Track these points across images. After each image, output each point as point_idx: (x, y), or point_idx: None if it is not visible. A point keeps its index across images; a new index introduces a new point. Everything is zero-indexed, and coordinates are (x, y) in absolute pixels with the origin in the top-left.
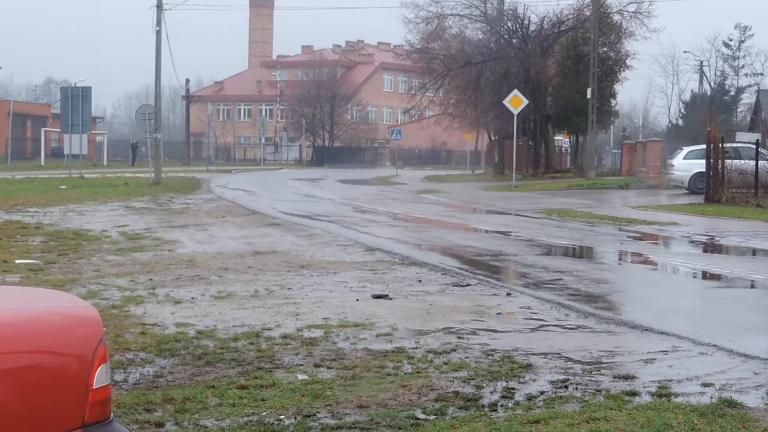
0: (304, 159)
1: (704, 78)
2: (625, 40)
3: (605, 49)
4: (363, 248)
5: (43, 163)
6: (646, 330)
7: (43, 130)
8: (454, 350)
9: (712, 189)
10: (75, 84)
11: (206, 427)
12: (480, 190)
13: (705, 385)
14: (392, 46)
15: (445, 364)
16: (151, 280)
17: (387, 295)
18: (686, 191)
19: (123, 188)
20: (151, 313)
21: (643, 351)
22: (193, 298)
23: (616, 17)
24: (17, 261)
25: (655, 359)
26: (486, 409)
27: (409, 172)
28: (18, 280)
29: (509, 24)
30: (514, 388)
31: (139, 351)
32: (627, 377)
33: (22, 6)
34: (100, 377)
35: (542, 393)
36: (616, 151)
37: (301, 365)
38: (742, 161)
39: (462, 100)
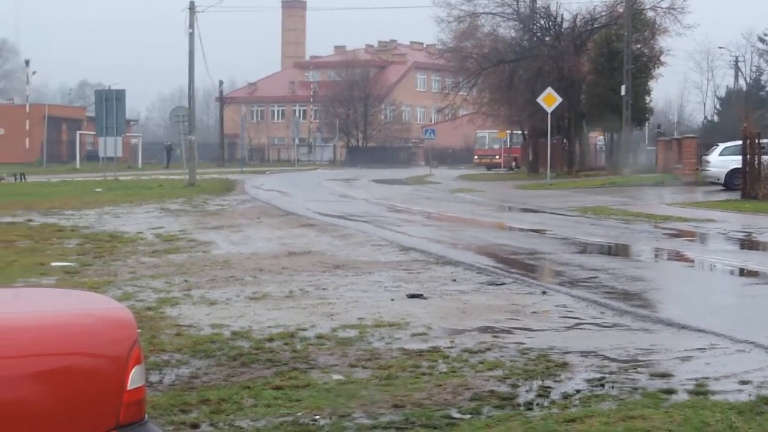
0: (338, 159)
1: (739, 73)
2: (659, 36)
3: (639, 45)
4: (397, 248)
5: (78, 166)
6: (682, 327)
7: (78, 133)
8: (489, 349)
9: (748, 185)
10: (109, 87)
11: (241, 428)
12: (514, 189)
13: (743, 382)
14: (425, 46)
15: (480, 363)
16: (186, 281)
17: (422, 295)
18: (722, 188)
19: (158, 190)
20: (186, 314)
21: (679, 349)
22: (228, 299)
23: (650, 13)
24: (53, 263)
25: (692, 357)
26: (521, 408)
27: (443, 172)
28: (54, 282)
29: (542, 22)
30: (549, 387)
31: (174, 352)
32: (664, 375)
33: (54, 8)
34: (134, 378)
35: (578, 391)
36: (651, 148)
37: (336, 365)
38: None
39: (495, 98)
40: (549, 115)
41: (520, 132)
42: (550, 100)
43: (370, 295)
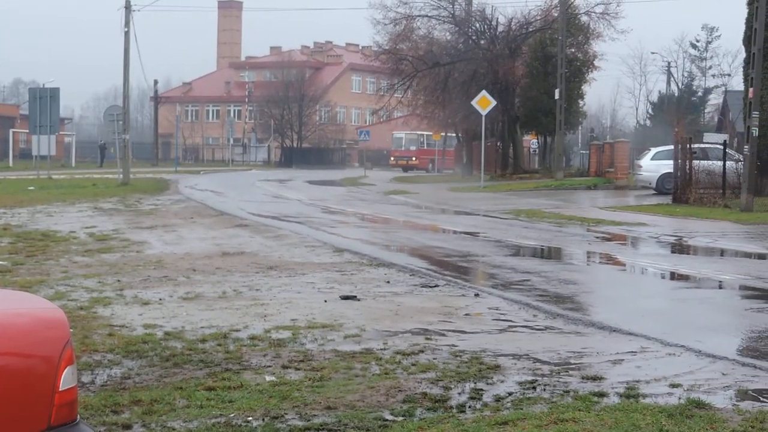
0: (273, 160)
1: (672, 79)
2: (593, 41)
3: (573, 50)
4: (331, 249)
5: (11, 164)
6: (614, 331)
7: (11, 131)
8: (422, 351)
9: (680, 189)
10: (43, 85)
11: (174, 429)
12: (448, 191)
13: (673, 385)
14: (360, 47)
15: (413, 365)
16: (119, 281)
17: (355, 297)
18: (654, 192)
19: (91, 189)
20: (118, 314)
21: (611, 352)
22: (161, 300)
23: (584, 18)
24: None
25: (623, 360)
26: (454, 411)
27: (378, 173)
28: None
29: (477, 25)
30: (482, 390)
31: (106, 352)
32: (595, 378)
33: None
34: (66, 379)
35: (510, 394)
36: (584, 151)
37: (269, 366)
38: (710, 162)
39: (430, 101)
40: (483, 118)
41: (454, 134)
42: (484, 103)
43: (303, 296)
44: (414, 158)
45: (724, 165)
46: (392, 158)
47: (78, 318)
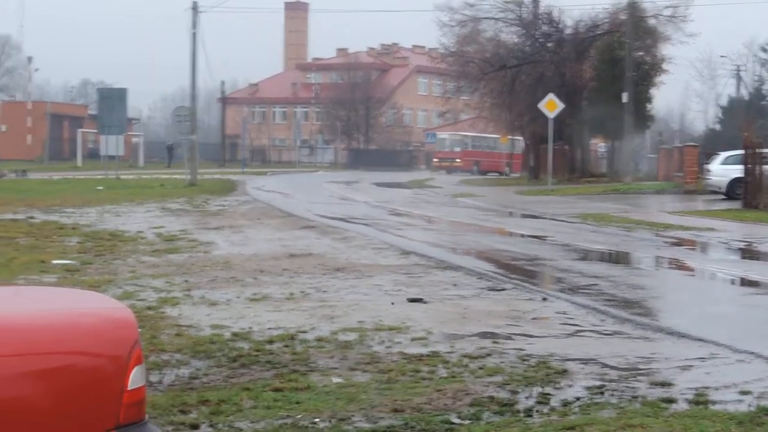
0: (339, 162)
1: (741, 83)
2: (661, 44)
3: (641, 53)
4: (398, 251)
5: (80, 164)
6: (683, 336)
7: (79, 131)
8: (489, 355)
9: (749, 195)
10: (111, 85)
11: (241, 429)
12: (515, 194)
13: (743, 393)
14: (427, 50)
15: (480, 368)
16: (186, 281)
17: (422, 299)
18: (724, 197)
19: (159, 190)
20: (186, 314)
21: (680, 358)
22: (228, 300)
23: (652, 21)
24: (54, 261)
25: (692, 366)
26: (521, 415)
27: (445, 176)
28: (55, 280)
29: (544, 28)
30: (549, 394)
31: (174, 352)
32: (664, 384)
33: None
34: (135, 379)
35: (578, 399)
36: (652, 155)
37: (336, 368)
38: None
39: (497, 103)
40: (550, 121)
41: (520, 137)
42: (551, 106)
43: (370, 298)
44: (458, 160)
45: None
46: (435, 159)
47: (146, 318)
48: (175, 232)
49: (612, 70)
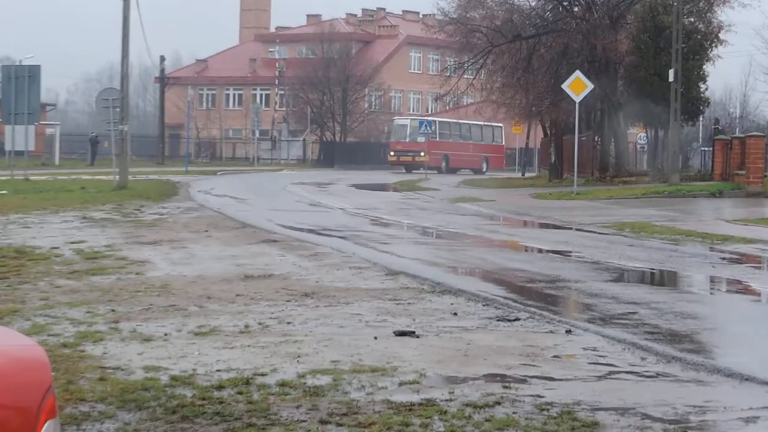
0: (309, 158)
1: None
2: (718, 8)
3: (692, 19)
4: (383, 272)
5: None
6: (746, 379)
7: None
8: (499, 403)
9: None
10: (20, 62)
11: None
12: (532, 198)
13: None
14: (421, 16)
15: (486, 420)
16: (113, 311)
17: (413, 332)
18: None
19: (79, 194)
20: (112, 353)
21: (742, 407)
22: (166, 335)
23: None
24: None
25: (758, 417)
26: None
27: (442, 176)
28: None
29: None
30: None
31: (96, 402)
32: None
33: None
34: None
35: None
36: (706, 148)
37: (304, 422)
38: None
39: (509, 83)
40: (577, 106)
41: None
42: (578, 86)
43: (347, 331)
44: (422, 153)
45: None
46: (392, 153)
47: (61, 358)
48: (100, 248)
49: (655, 41)
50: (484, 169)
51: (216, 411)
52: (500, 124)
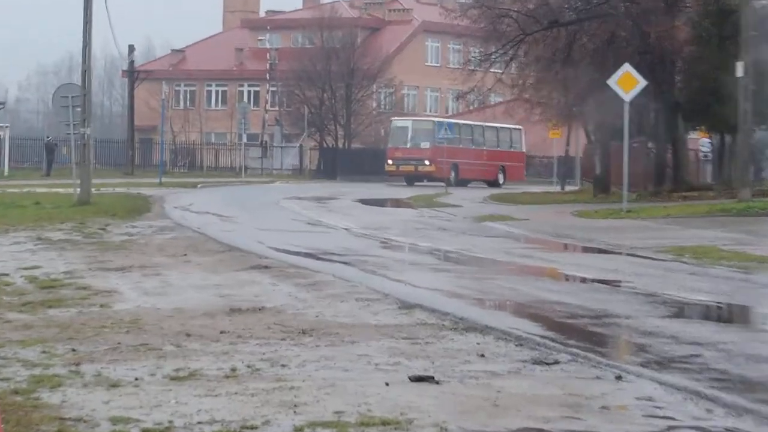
0: (307, 168)
1: None
2: None
3: (765, 1)
4: (396, 304)
5: None
6: None
7: None
8: None
9: None
10: None
11: None
12: (573, 217)
13: None
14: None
15: None
16: (74, 350)
17: (432, 377)
18: None
19: (33, 210)
20: (73, 401)
21: None
22: (137, 379)
23: None
24: None
25: None
26: None
27: (465, 189)
28: None
29: None
30: None
31: None
32: None
33: None
34: None
35: None
36: None
37: None
38: None
39: (545, 79)
40: (626, 106)
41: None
42: (627, 82)
43: (353, 375)
44: (426, 161)
45: None
46: (389, 161)
47: (12, 407)
48: (58, 275)
49: (719, 28)
50: (501, 181)
51: None
52: (519, 126)
